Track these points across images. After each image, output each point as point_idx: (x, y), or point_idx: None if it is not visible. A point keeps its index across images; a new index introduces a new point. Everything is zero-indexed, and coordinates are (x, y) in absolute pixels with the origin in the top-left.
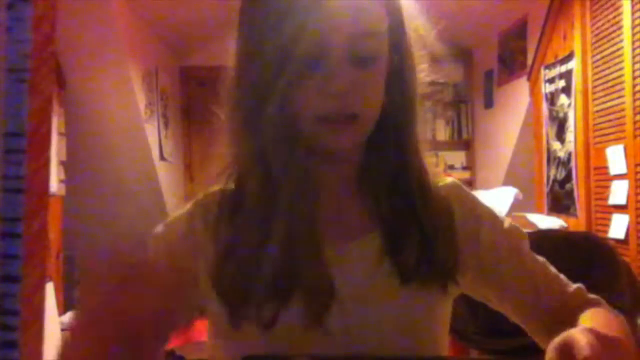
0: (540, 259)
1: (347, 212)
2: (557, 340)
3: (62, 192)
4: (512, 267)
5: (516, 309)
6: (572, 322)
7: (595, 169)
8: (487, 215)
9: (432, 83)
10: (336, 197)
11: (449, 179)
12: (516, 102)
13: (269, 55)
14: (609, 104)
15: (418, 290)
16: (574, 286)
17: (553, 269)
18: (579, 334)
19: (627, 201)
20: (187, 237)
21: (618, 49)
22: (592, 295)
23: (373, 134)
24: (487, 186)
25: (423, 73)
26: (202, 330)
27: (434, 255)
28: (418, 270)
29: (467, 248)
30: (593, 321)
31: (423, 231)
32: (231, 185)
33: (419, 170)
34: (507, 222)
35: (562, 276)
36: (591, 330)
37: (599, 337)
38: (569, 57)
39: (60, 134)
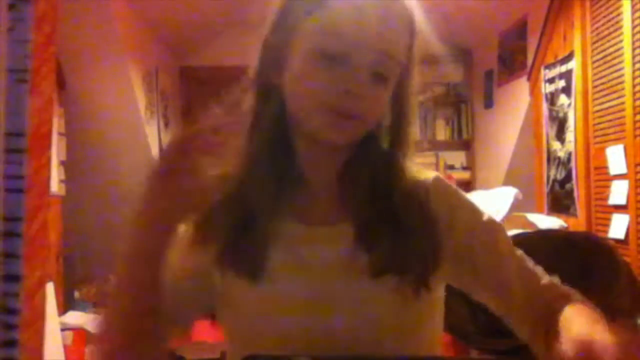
0: (518, 251)
1: (325, 200)
2: (577, 338)
3: (62, 192)
4: (488, 257)
5: (492, 298)
6: (547, 314)
7: (595, 169)
8: (465, 206)
9: (432, 83)
10: (319, 184)
11: (431, 173)
12: (516, 102)
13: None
14: (609, 104)
15: (388, 282)
16: (548, 278)
17: (530, 262)
18: (601, 341)
19: (627, 201)
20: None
21: (618, 49)
22: (565, 287)
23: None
24: (487, 186)
25: (418, 80)
26: (202, 330)
27: (408, 250)
28: (390, 263)
29: (444, 238)
30: (582, 320)
31: (398, 228)
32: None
33: (401, 173)
34: (486, 216)
35: (538, 268)
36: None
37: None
38: (569, 57)
39: (60, 134)
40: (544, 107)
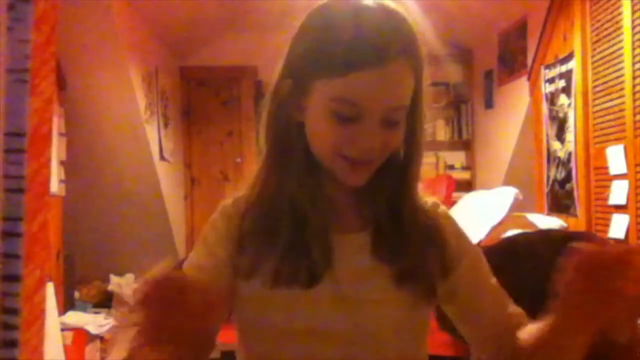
0: (494, 280)
1: (344, 215)
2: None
3: (62, 192)
4: (473, 291)
5: (467, 325)
6: (510, 340)
7: (595, 169)
8: (467, 237)
9: (433, 83)
10: (337, 203)
11: (430, 199)
12: (516, 102)
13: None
14: (609, 104)
15: (406, 289)
16: (518, 309)
17: (504, 292)
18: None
19: (627, 201)
20: (219, 231)
21: (618, 49)
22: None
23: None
24: (487, 186)
25: (427, 116)
26: None
27: (421, 263)
28: (409, 274)
29: (455, 262)
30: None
31: (409, 242)
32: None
33: (414, 197)
34: (469, 239)
35: (508, 297)
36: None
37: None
38: (569, 57)
39: (60, 134)
40: (544, 107)
